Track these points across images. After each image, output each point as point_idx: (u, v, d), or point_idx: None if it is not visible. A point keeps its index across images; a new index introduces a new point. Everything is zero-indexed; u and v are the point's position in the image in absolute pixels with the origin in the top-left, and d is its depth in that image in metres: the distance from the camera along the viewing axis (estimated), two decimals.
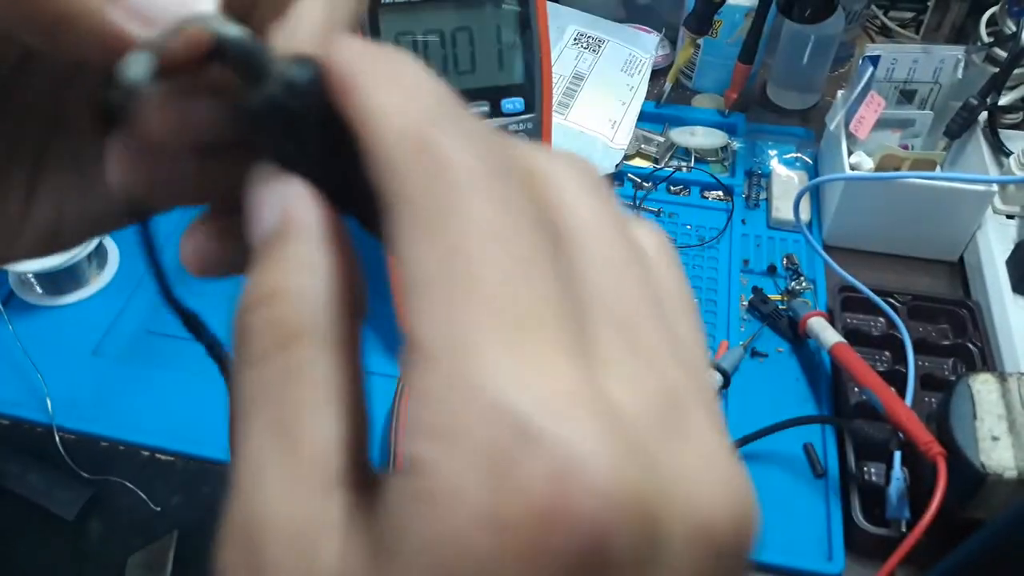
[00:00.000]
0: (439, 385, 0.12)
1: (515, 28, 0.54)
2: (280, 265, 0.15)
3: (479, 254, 0.13)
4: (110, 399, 0.59)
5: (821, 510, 0.55)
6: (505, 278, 0.13)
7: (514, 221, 0.13)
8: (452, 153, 0.14)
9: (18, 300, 0.65)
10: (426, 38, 0.53)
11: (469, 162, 0.14)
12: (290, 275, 0.15)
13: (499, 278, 0.13)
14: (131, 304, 0.65)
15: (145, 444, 0.57)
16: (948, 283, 0.70)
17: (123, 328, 0.63)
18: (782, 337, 0.64)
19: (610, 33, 0.83)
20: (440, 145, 0.14)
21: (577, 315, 0.13)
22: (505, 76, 0.55)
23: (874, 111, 0.69)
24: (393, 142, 0.14)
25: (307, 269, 0.15)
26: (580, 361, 0.13)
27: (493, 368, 0.12)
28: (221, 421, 0.54)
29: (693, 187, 0.76)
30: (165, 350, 0.62)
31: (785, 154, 0.78)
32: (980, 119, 0.71)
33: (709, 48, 0.82)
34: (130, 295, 0.65)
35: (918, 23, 0.92)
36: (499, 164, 0.14)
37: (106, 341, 0.62)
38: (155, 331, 0.63)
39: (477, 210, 0.13)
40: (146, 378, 0.60)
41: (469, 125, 0.14)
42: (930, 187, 0.65)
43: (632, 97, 0.78)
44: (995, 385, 0.50)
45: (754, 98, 0.85)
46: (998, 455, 0.48)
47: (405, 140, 0.14)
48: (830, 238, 0.71)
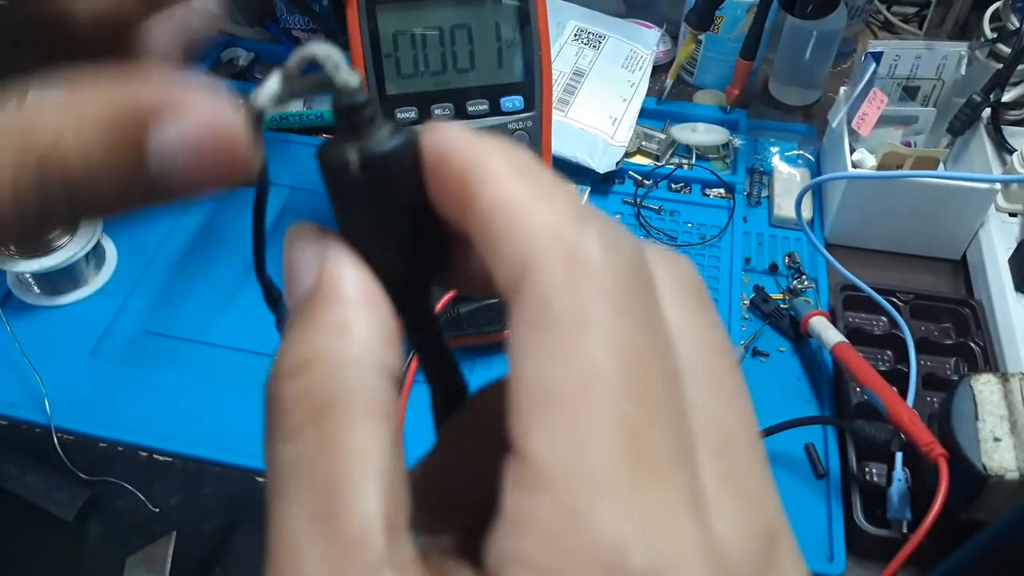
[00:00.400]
0: (554, 518, 0.12)
1: (514, 25, 0.53)
2: (315, 331, 0.14)
3: (613, 378, 0.12)
4: (108, 400, 0.59)
5: (822, 511, 0.54)
6: (635, 409, 0.12)
7: (651, 344, 0.13)
8: (597, 260, 0.13)
9: (16, 300, 0.64)
10: (424, 35, 0.52)
11: (612, 271, 0.13)
12: (325, 341, 0.14)
13: (629, 408, 0.12)
14: (129, 304, 0.65)
15: (144, 445, 0.57)
16: (951, 282, 0.69)
17: (121, 328, 0.63)
18: (783, 336, 0.64)
19: (611, 29, 0.82)
20: (587, 250, 0.13)
21: (690, 450, 0.13)
22: (504, 74, 0.54)
23: (877, 108, 0.69)
24: (535, 238, 0.13)
25: (343, 335, 0.14)
26: (696, 513, 0.12)
27: (614, 514, 0.12)
28: (220, 422, 0.54)
29: (694, 184, 0.76)
30: (163, 350, 0.62)
31: (787, 151, 0.77)
32: (983, 116, 0.71)
33: (710, 44, 0.81)
34: (128, 295, 0.65)
35: (921, 19, 0.91)
36: (638, 275, 0.14)
37: (104, 341, 0.62)
38: (153, 331, 0.63)
39: (616, 327, 0.13)
40: (144, 379, 0.60)
41: (609, 229, 0.14)
42: (933, 185, 0.65)
43: (633, 94, 0.78)
44: (997, 386, 0.50)
45: (756, 94, 0.85)
46: (1000, 456, 0.47)
47: (550, 239, 0.13)
48: (832, 236, 0.71)
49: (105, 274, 0.66)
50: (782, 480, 0.56)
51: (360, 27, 0.51)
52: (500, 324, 0.60)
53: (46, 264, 0.61)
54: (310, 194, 0.73)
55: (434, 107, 0.54)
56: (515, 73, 0.54)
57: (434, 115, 0.54)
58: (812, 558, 0.52)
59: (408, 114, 0.53)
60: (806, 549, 0.52)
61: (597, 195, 0.74)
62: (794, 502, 0.55)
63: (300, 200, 0.73)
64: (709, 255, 0.70)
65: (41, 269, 0.61)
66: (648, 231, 0.71)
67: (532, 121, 0.55)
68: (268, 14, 0.89)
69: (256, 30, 0.90)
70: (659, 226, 0.72)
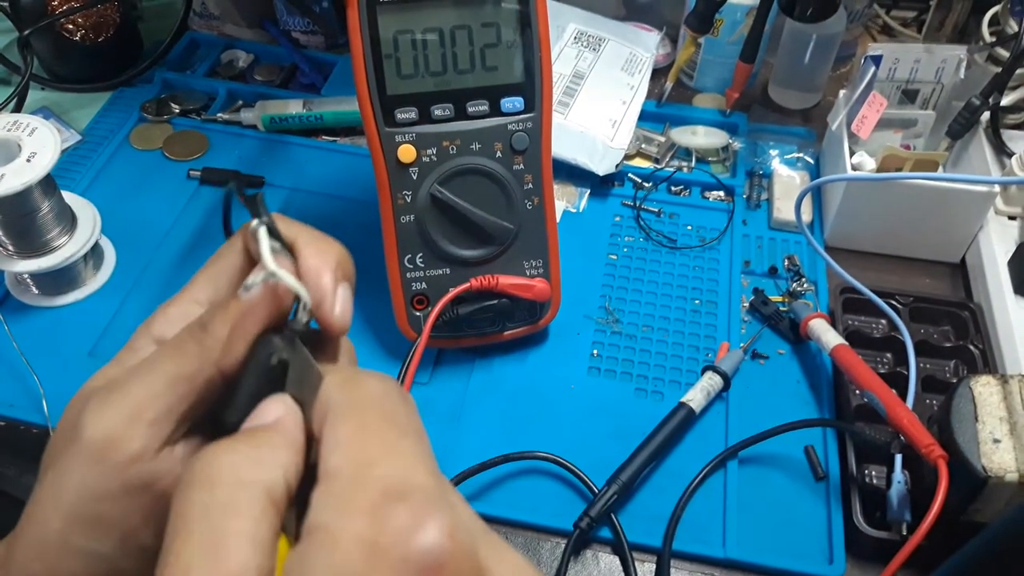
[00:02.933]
0: (339, 484, 0.21)
1: (515, 26, 0.53)
2: (259, 448, 0.22)
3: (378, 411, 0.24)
4: None
5: (822, 513, 0.54)
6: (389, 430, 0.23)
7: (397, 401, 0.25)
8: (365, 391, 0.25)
9: (14, 301, 0.64)
10: (425, 36, 0.52)
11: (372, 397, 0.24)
12: (264, 463, 0.22)
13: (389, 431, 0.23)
14: (127, 305, 0.65)
15: None
16: (950, 285, 0.69)
17: (120, 329, 0.63)
18: (783, 339, 0.64)
19: (611, 32, 0.83)
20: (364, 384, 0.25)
21: (419, 452, 0.23)
22: (504, 75, 0.54)
23: (876, 111, 0.69)
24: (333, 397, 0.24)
25: (277, 463, 0.22)
26: (422, 467, 0.22)
27: (385, 470, 0.21)
28: None
29: (694, 187, 0.76)
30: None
31: (787, 154, 0.77)
32: (982, 119, 0.71)
33: (710, 47, 0.82)
34: (126, 296, 0.65)
35: (920, 22, 0.92)
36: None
37: (102, 342, 0.62)
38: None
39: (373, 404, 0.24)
40: None
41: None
42: (932, 188, 0.65)
43: (633, 96, 0.78)
44: (997, 387, 0.50)
45: (755, 98, 0.85)
46: (999, 458, 0.47)
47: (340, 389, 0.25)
48: (831, 239, 0.71)
49: (104, 274, 0.66)
50: (782, 482, 0.56)
51: (360, 28, 0.51)
52: (499, 325, 0.60)
53: (44, 264, 0.61)
54: (309, 195, 0.73)
55: (434, 108, 0.54)
56: (515, 74, 0.54)
57: (434, 115, 0.54)
58: (812, 560, 0.52)
59: (408, 114, 0.53)
60: (806, 551, 0.52)
61: (596, 197, 0.74)
62: (794, 504, 0.55)
63: (299, 200, 0.73)
64: (708, 258, 0.70)
65: (39, 269, 0.61)
66: (648, 233, 0.71)
67: (532, 122, 0.55)
68: (268, 15, 0.89)
69: (255, 32, 0.90)
70: (658, 228, 0.72)
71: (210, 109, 0.81)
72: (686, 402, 0.58)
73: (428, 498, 0.20)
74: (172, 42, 0.85)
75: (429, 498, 0.20)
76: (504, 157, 0.55)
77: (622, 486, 0.53)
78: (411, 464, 0.22)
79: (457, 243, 0.56)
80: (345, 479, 0.21)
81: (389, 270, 0.57)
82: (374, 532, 0.19)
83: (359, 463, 0.21)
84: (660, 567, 0.52)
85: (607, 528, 0.53)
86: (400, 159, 0.54)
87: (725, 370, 0.59)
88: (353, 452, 0.21)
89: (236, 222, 0.30)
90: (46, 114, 0.80)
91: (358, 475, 0.21)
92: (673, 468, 0.56)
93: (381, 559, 0.19)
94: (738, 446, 0.56)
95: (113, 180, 0.74)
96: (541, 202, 0.57)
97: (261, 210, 0.27)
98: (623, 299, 0.66)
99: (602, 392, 0.60)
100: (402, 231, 0.56)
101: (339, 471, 0.21)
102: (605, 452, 0.56)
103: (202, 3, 0.88)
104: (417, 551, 0.19)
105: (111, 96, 0.82)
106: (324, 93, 0.82)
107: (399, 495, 0.20)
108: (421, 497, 0.20)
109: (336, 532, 0.19)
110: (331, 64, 0.86)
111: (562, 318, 0.62)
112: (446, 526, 0.20)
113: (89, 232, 0.63)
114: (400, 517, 0.19)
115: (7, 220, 0.59)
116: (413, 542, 0.19)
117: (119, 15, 0.82)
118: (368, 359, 0.62)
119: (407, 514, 0.19)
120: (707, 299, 0.66)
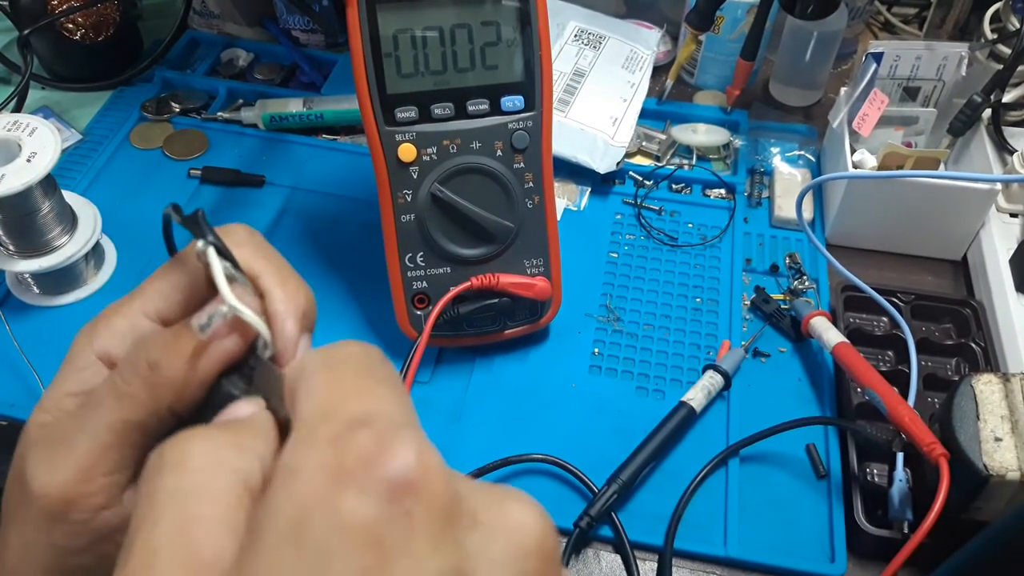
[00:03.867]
0: (307, 425, 0.19)
1: (515, 25, 0.53)
2: (238, 435, 0.21)
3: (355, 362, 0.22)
4: None
5: (823, 511, 0.54)
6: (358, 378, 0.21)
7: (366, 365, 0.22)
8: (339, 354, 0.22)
9: (15, 300, 0.64)
10: (425, 35, 0.52)
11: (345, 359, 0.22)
12: (244, 449, 0.21)
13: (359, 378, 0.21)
14: None
15: None
16: (951, 282, 0.69)
17: None
18: (784, 337, 0.64)
19: (611, 29, 0.82)
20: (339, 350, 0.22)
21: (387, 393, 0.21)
22: (505, 73, 0.54)
23: (877, 108, 0.69)
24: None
25: (255, 452, 0.21)
26: (389, 400, 0.20)
27: (346, 409, 0.19)
28: None
29: (695, 185, 0.76)
30: None
31: (788, 152, 0.77)
32: (984, 116, 0.71)
33: (711, 44, 0.81)
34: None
35: (921, 19, 0.91)
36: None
37: None
38: None
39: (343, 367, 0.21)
40: None
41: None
42: (933, 186, 0.65)
43: (633, 94, 0.78)
44: (998, 386, 0.50)
45: (756, 95, 0.85)
46: (1001, 456, 0.47)
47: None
48: (833, 237, 0.71)
49: (105, 274, 0.66)
50: (783, 480, 0.56)
51: (360, 27, 0.51)
52: (500, 324, 0.60)
53: (45, 264, 0.61)
54: (309, 194, 0.73)
55: (434, 106, 0.54)
56: (515, 73, 0.54)
57: (434, 114, 0.54)
58: (813, 558, 0.52)
59: (408, 113, 0.53)
60: (807, 549, 0.52)
61: (597, 195, 0.74)
62: (795, 502, 0.55)
63: (300, 199, 0.73)
64: (710, 255, 0.69)
65: (40, 269, 0.61)
66: (649, 231, 0.71)
67: (532, 121, 0.55)
68: (268, 14, 0.89)
69: (255, 30, 0.90)
70: (659, 226, 0.72)
71: (210, 108, 0.80)
72: (687, 401, 0.57)
73: (394, 422, 0.19)
74: (172, 41, 0.85)
75: (395, 422, 0.19)
76: (504, 156, 0.55)
77: (622, 485, 0.53)
78: (383, 402, 0.20)
79: (458, 242, 0.56)
80: (312, 420, 0.19)
81: (390, 269, 0.57)
82: (338, 459, 0.18)
83: (328, 406, 0.19)
84: (662, 566, 0.52)
85: (608, 527, 0.53)
86: (400, 158, 0.54)
87: (726, 369, 0.59)
88: (324, 397, 0.20)
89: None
90: (46, 114, 0.80)
91: (326, 414, 0.19)
92: (674, 467, 0.56)
93: (347, 483, 0.17)
94: (739, 444, 0.56)
95: (114, 179, 0.74)
96: (542, 200, 0.57)
97: (205, 229, 0.25)
98: (624, 297, 0.66)
99: (603, 391, 0.60)
100: (402, 230, 0.56)
101: (309, 415, 0.19)
102: (606, 451, 0.56)
103: (202, 2, 0.88)
104: (384, 471, 0.17)
105: (111, 95, 0.82)
106: (324, 92, 0.82)
107: (363, 422, 0.18)
108: (386, 420, 0.19)
109: (298, 465, 0.18)
110: (331, 63, 0.86)
111: (563, 317, 0.62)
112: (413, 447, 0.18)
113: (90, 232, 0.63)
114: (364, 441, 0.18)
115: (8, 220, 0.59)
116: (379, 463, 0.17)
117: (119, 14, 0.82)
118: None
119: (372, 438, 0.18)
120: (708, 297, 0.66)
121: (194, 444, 0.20)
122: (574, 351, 0.63)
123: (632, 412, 0.59)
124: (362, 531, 0.17)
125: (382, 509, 0.17)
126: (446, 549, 0.17)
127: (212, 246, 0.24)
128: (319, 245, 0.69)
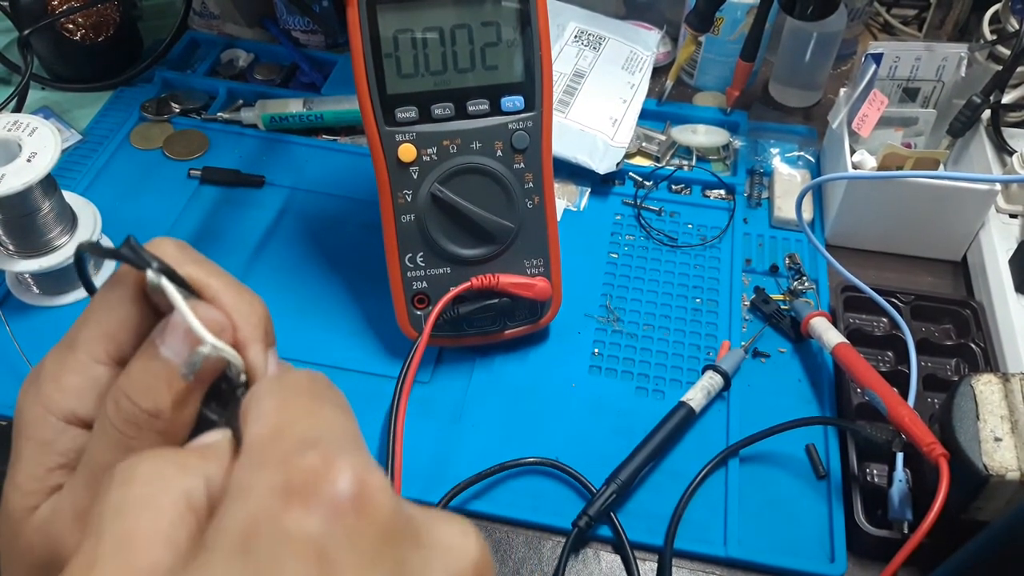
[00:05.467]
0: (255, 446, 0.20)
1: (515, 25, 0.53)
2: (186, 456, 0.22)
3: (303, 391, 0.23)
4: None
5: (823, 512, 0.54)
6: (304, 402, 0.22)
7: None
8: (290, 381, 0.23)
9: (15, 300, 0.64)
10: (425, 35, 0.52)
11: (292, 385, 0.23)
12: (189, 468, 0.21)
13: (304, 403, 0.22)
14: None
15: None
16: (951, 283, 0.69)
17: None
18: (784, 337, 0.64)
19: (611, 30, 0.83)
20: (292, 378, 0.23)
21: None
22: (505, 74, 0.54)
23: (877, 109, 0.69)
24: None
25: (201, 471, 0.21)
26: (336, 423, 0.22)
27: (294, 431, 0.21)
28: None
29: (695, 186, 0.76)
30: None
31: (787, 152, 0.77)
32: (983, 117, 0.71)
33: (711, 45, 0.82)
34: None
35: (921, 20, 0.92)
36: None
37: None
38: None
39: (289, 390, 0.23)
40: None
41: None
42: (933, 186, 0.65)
43: (633, 95, 0.78)
44: (998, 386, 0.50)
45: (756, 96, 0.85)
46: (1000, 456, 0.47)
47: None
48: (832, 237, 0.71)
49: (105, 274, 0.66)
50: (783, 481, 0.56)
51: (360, 27, 0.51)
52: (500, 324, 0.60)
53: (45, 264, 0.61)
54: (309, 194, 0.73)
55: (434, 107, 0.54)
56: (516, 73, 0.54)
57: (434, 114, 0.54)
58: (813, 559, 0.52)
59: (408, 113, 0.53)
60: (807, 550, 0.52)
61: (597, 196, 0.74)
62: (795, 503, 0.55)
63: (299, 199, 0.73)
64: (709, 256, 0.69)
65: (40, 269, 0.61)
66: (648, 232, 0.71)
67: (532, 121, 0.55)
68: (268, 15, 0.89)
69: (255, 31, 0.90)
70: (659, 227, 0.72)
71: (210, 108, 0.81)
72: (686, 401, 0.57)
73: (339, 443, 0.20)
74: (172, 41, 0.85)
75: (341, 444, 0.20)
76: (504, 156, 0.55)
77: (621, 485, 0.53)
78: (330, 424, 0.21)
79: (458, 242, 0.56)
80: (261, 441, 0.20)
81: (390, 269, 0.57)
82: (286, 477, 0.19)
83: (277, 428, 0.21)
84: (662, 566, 0.52)
85: (608, 527, 0.53)
86: (400, 158, 0.54)
87: (726, 369, 0.59)
88: (273, 420, 0.21)
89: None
90: (46, 114, 0.80)
91: (275, 435, 0.20)
92: (674, 467, 0.56)
93: (293, 501, 0.18)
94: (739, 444, 0.56)
95: (113, 180, 0.74)
96: (542, 201, 0.57)
97: (147, 256, 0.23)
98: (624, 298, 0.66)
99: (603, 391, 0.60)
100: (402, 230, 0.56)
101: (258, 436, 0.21)
102: (606, 451, 0.56)
103: (202, 2, 0.88)
104: (329, 489, 0.19)
105: (111, 96, 0.82)
106: (324, 92, 0.82)
107: (310, 443, 0.20)
108: (332, 442, 0.20)
109: (249, 484, 0.19)
110: (331, 63, 0.86)
111: (563, 317, 0.62)
112: (359, 464, 0.19)
113: (90, 232, 0.63)
114: (310, 461, 0.19)
115: (8, 220, 0.59)
116: (324, 481, 0.19)
117: (119, 14, 0.82)
118: (369, 359, 0.62)
119: (318, 458, 0.19)
120: (708, 298, 0.66)
121: (142, 463, 0.21)
122: (574, 351, 0.63)
123: (632, 412, 0.59)
124: (307, 545, 0.18)
125: (326, 525, 0.18)
126: (385, 565, 0.19)
127: (162, 274, 0.23)
128: (319, 245, 0.69)
